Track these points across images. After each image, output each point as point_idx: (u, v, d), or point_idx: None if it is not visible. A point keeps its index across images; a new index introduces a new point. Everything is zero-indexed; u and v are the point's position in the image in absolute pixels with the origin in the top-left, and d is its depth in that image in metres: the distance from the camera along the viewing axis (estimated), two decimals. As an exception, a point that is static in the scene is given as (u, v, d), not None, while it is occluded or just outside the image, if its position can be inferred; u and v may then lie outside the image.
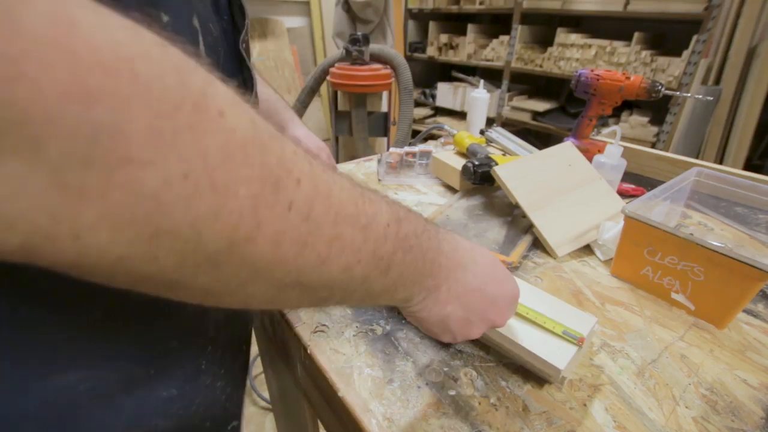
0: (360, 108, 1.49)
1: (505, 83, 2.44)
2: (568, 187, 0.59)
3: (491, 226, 0.59)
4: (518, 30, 2.27)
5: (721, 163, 1.74)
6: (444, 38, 2.69)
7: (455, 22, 2.77)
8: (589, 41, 2.06)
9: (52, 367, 0.22)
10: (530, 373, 0.35)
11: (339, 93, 1.52)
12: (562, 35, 2.14)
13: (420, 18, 2.89)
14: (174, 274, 0.16)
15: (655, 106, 1.82)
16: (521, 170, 0.58)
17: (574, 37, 2.09)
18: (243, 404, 0.37)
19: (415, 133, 1.49)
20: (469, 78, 2.72)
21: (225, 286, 0.18)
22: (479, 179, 0.62)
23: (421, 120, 2.91)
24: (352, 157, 1.23)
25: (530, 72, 2.31)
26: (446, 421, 0.31)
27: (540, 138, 2.63)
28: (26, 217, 0.12)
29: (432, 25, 2.74)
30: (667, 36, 2.08)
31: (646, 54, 1.86)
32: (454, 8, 2.56)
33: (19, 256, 0.13)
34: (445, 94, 2.77)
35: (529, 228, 0.57)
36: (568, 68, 2.14)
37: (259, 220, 0.16)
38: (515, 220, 0.61)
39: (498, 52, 2.44)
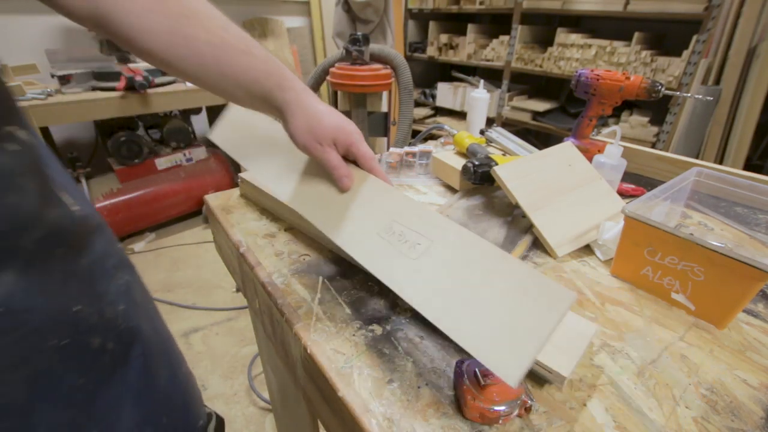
0: (360, 108, 1.48)
1: (505, 83, 2.44)
2: (568, 187, 0.59)
3: (491, 226, 0.59)
4: (518, 30, 2.27)
5: (721, 163, 1.75)
6: (444, 38, 2.69)
7: (455, 22, 2.77)
8: (589, 41, 2.06)
9: None
10: (530, 372, 0.35)
11: (339, 93, 1.52)
12: (562, 35, 2.14)
13: (420, 18, 2.89)
14: None
15: (655, 106, 1.82)
16: (521, 170, 0.58)
17: (574, 37, 2.09)
18: None
19: (415, 133, 1.48)
20: (469, 78, 2.72)
21: None
22: (479, 179, 0.62)
23: (421, 120, 2.91)
24: (352, 157, 1.22)
25: (530, 72, 2.31)
26: (446, 421, 0.31)
27: (540, 138, 2.64)
28: None
29: (432, 25, 2.74)
30: (667, 36, 2.08)
31: (646, 54, 1.86)
32: (454, 8, 2.56)
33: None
34: (445, 94, 2.77)
35: (529, 228, 0.57)
36: (568, 68, 2.14)
37: None
38: (515, 220, 0.61)
39: (498, 52, 2.44)
